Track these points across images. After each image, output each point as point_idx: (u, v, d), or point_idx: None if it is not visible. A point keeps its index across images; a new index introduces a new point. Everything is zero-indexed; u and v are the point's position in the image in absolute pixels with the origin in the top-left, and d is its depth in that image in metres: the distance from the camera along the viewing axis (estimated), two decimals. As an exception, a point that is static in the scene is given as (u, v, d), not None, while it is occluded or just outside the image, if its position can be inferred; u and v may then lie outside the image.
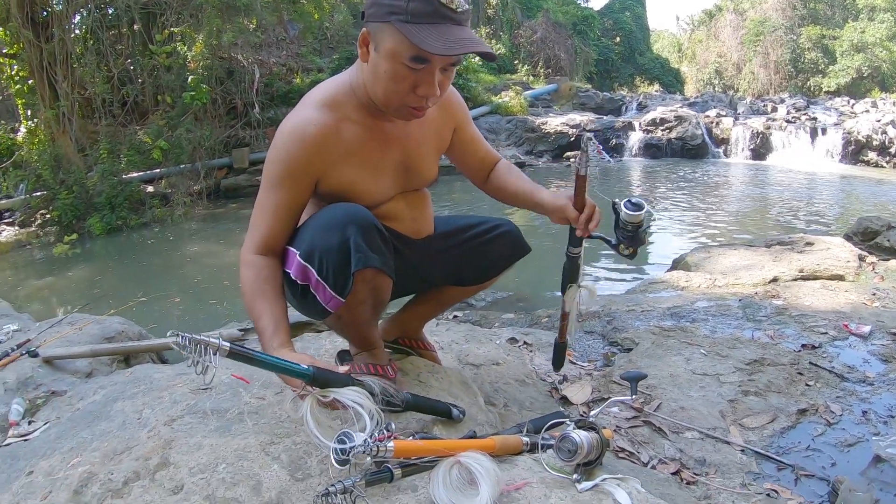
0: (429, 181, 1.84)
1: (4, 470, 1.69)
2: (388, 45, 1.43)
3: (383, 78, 1.48)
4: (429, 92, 1.48)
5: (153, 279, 6.99)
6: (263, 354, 1.32)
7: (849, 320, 2.98)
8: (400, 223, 1.76)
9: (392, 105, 1.53)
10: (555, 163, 15.22)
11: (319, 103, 1.59)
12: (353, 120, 1.61)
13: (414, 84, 1.47)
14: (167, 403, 1.73)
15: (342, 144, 1.58)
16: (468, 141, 1.91)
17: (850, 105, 19.10)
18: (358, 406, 1.28)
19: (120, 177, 10.08)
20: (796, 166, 14.47)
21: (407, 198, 1.78)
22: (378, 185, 1.67)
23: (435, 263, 1.88)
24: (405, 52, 1.41)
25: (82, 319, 3.25)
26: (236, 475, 1.29)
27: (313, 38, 14.38)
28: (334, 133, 1.57)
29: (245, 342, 3.04)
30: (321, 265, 1.48)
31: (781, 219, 8.83)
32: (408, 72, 1.45)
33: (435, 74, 1.46)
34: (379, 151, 1.65)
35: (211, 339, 1.20)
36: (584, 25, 25.36)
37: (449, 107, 1.81)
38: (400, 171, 1.72)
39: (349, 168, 1.61)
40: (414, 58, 1.42)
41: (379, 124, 1.64)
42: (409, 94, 1.49)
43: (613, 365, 2.63)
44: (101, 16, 11.32)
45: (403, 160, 1.71)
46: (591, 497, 1.22)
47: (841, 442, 2.04)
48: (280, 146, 1.56)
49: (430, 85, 1.47)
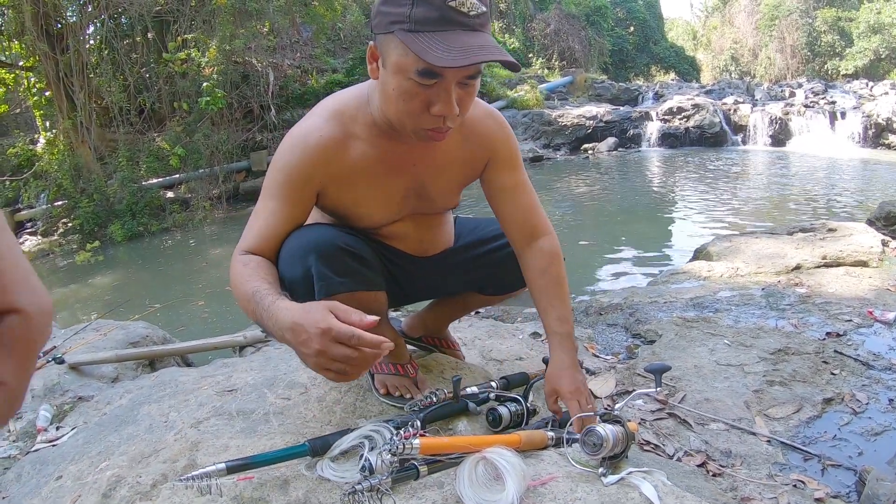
0: (445, 209, 1.71)
1: (34, 475, 1.73)
2: (393, 59, 1.27)
3: (393, 97, 1.31)
4: (445, 111, 1.29)
5: (176, 284, 7.06)
6: (258, 456, 1.29)
7: (873, 307, 2.94)
8: (404, 242, 1.68)
9: (406, 127, 1.36)
10: (572, 155, 15.20)
11: (330, 114, 1.47)
12: (362, 138, 1.47)
13: (427, 102, 1.30)
14: (193, 406, 1.75)
15: (347, 161, 1.46)
16: (505, 190, 1.64)
17: (868, 87, 18.81)
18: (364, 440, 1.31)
19: (139, 183, 10.21)
20: (816, 151, 14.30)
21: (416, 220, 1.66)
22: (383, 209, 1.57)
23: (452, 276, 1.80)
24: (411, 65, 1.25)
25: (107, 325, 3.29)
26: (263, 475, 1.30)
27: (326, 39, 14.42)
28: (341, 148, 1.45)
29: (269, 343, 3.06)
30: (294, 295, 1.39)
31: (803, 205, 8.74)
32: (418, 88, 1.28)
33: (451, 91, 1.28)
34: (386, 175, 1.51)
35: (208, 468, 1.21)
36: (598, 16, 25.20)
37: (487, 136, 1.60)
38: (410, 198, 1.58)
39: (351, 187, 1.49)
40: (421, 72, 1.25)
41: (391, 146, 1.49)
42: (422, 115, 1.31)
43: (637, 357, 2.62)
44: (114, 25, 11.44)
45: (415, 187, 1.57)
46: (617, 490, 1.22)
47: (867, 431, 2.02)
48: (283, 152, 1.45)
49: (447, 103, 1.29)
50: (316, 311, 1.15)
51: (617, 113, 16.50)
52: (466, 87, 1.32)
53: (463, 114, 1.35)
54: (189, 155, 10.80)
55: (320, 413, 1.61)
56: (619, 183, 11.84)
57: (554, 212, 8.95)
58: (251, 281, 1.34)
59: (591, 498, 1.20)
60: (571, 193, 10.70)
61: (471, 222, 1.87)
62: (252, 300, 1.30)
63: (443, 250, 1.76)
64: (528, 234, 1.66)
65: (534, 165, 13.84)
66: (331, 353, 1.12)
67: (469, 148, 1.58)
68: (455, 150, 1.57)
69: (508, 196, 1.64)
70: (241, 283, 1.36)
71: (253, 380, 1.88)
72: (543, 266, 1.64)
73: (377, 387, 1.71)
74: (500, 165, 1.63)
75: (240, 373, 2.01)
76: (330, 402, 1.66)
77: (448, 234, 1.78)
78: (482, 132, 1.58)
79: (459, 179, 1.64)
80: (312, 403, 1.65)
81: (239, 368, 2.10)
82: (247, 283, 1.34)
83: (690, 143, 15.79)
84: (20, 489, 1.68)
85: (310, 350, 1.14)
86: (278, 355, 2.24)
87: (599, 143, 15.60)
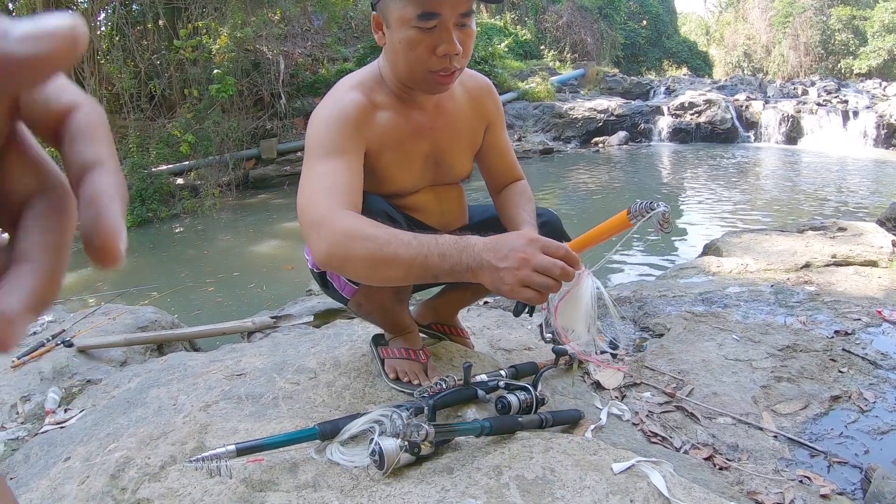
0: (460, 177, 1.81)
1: (42, 456, 1.74)
2: (395, 16, 1.42)
3: (401, 49, 1.45)
4: (449, 49, 1.42)
5: (185, 269, 7.08)
6: (268, 438, 1.31)
7: (882, 306, 2.93)
8: (428, 215, 1.75)
9: (417, 76, 1.48)
10: (583, 148, 15.12)
11: (351, 87, 1.57)
12: (384, 106, 1.57)
13: (432, 46, 1.43)
14: (202, 390, 1.76)
15: (377, 126, 1.55)
16: (496, 146, 1.84)
17: (881, 87, 18.63)
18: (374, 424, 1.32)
19: (149, 170, 10.20)
20: (828, 150, 14.21)
21: (437, 191, 1.76)
22: (408, 172, 1.65)
23: None
24: (411, 12, 1.39)
25: (116, 310, 3.31)
26: (273, 458, 1.31)
27: (338, 27, 14.38)
28: (371, 112, 1.54)
29: (278, 329, 3.07)
30: None
31: (814, 204, 8.70)
32: (422, 34, 1.41)
33: (451, 30, 1.41)
34: (409, 140, 1.62)
35: (217, 449, 1.24)
36: (611, 9, 25.03)
37: (484, 103, 1.77)
38: (429, 164, 1.69)
39: (382, 149, 1.57)
40: (421, 15, 1.38)
41: (409, 112, 1.61)
42: (430, 59, 1.44)
43: (645, 350, 2.62)
44: (126, 12, 11.42)
45: (433, 152, 1.68)
46: (626, 479, 1.22)
47: (874, 429, 2.01)
48: (326, 118, 1.49)
49: (449, 42, 1.42)
50: (519, 231, 1.30)
51: (628, 107, 16.40)
52: (464, 27, 1.45)
53: (466, 55, 1.48)
54: (199, 142, 10.80)
55: (329, 398, 1.62)
56: (629, 177, 11.79)
57: (563, 205, 8.93)
58: (394, 229, 1.30)
59: (600, 487, 1.20)
60: (581, 186, 10.66)
61: (480, 206, 1.97)
62: (414, 241, 1.25)
63: (460, 227, 1.84)
64: (506, 181, 1.87)
65: (544, 158, 13.79)
66: (535, 261, 1.18)
67: (473, 116, 1.75)
68: (463, 119, 1.72)
69: (499, 153, 1.85)
70: (381, 230, 1.28)
71: (262, 364, 1.89)
72: (520, 190, 1.83)
73: (387, 371, 1.72)
74: (495, 128, 1.82)
75: (248, 357, 2.02)
76: (339, 388, 1.67)
77: (464, 210, 1.88)
78: (481, 99, 1.76)
79: (469, 145, 1.78)
80: (321, 388, 1.66)
81: (248, 353, 2.11)
82: (391, 230, 1.29)
83: (701, 139, 15.71)
84: (28, 470, 1.70)
85: (513, 262, 1.19)
86: (287, 341, 2.25)
87: (610, 136, 15.52)
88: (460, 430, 1.34)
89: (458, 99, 1.71)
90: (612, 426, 1.84)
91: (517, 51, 20.15)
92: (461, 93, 1.73)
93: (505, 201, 1.82)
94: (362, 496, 1.20)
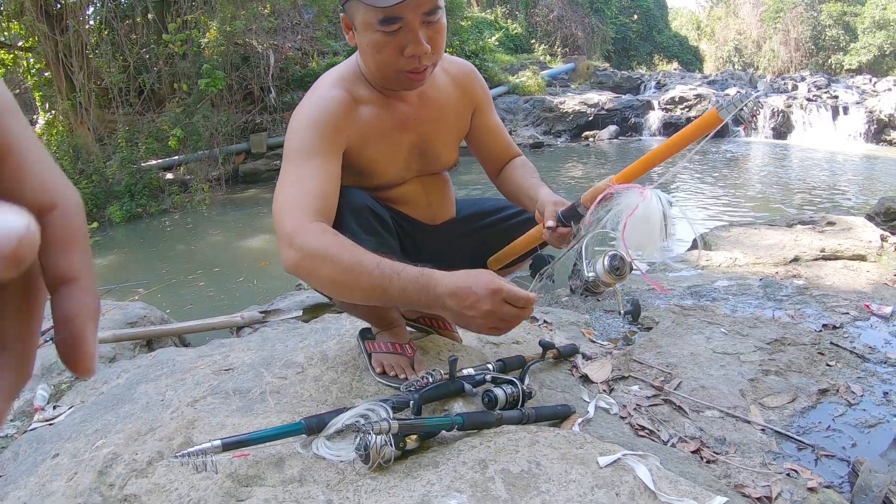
0: (447, 166, 1.81)
1: (30, 454, 1.73)
2: (359, 20, 1.43)
3: (369, 52, 1.46)
4: (416, 50, 1.42)
5: (174, 264, 7.05)
6: (254, 433, 1.31)
7: (870, 301, 2.94)
8: (414, 208, 1.75)
9: (388, 76, 1.50)
10: (573, 142, 15.13)
11: (333, 83, 1.58)
12: (366, 100, 1.58)
13: (399, 48, 1.43)
14: (190, 385, 1.76)
15: (360, 119, 1.56)
16: (488, 128, 1.84)
17: (871, 83, 18.69)
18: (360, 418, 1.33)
19: (139, 165, 10.16)
20: (818, 145, 14.25)
21: (423, 182, 1.76)
22: (394, 164, 1.65)
23: (457, 248, 1.84)
24: (372, 18, 1.39)
25: (105, 305, 3.29)
26: (259, 453, 1.31)
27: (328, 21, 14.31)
28: (353, 107, 1.55)
29: (267, 324, 3.07)
30: None
31: (803, 198, 8.73)
32: (386, 37, 1.42)
33: (416, 30, 1.41)
34: (393, 132, 1.62)
35: (203, 445, 1.24)
36: (602, 3, 25.03)
37: (469, 88, 1.77)
38: (415, 154, 1.69)
39: (367, 143, 1.58)
40: (382, 20, 1.39)
41: (393, 104, 1.61)
42: (398, 60, 1.45)
43: (634, 344, 2.62)
44: (114, 6, 11.35)
45: (419, 143, 1.68)
46: (612, 473, 1.23)
47: (861, 423, 2.03)
48: (305, 116, 1.51)
49: (416, 43, 1.42)
50: (483, 275, 1.27)
51: (619, 101, 16.43)
52: (431, 24, 1.44)
53: (437, 51, 1.48)
54: (188, 136, 10.75)
55: (316, 392, 1.61)
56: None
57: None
58: (360, 253, 1.30)
59: (586, 480, 1.20)
60: (571, 180, 10.67)
61: (469, 200, 1.97)
62: (377, 270, 1.27)
63: (448, 220, 1.84)
64: (504, 159, 1.89)
65: (534, 152, 13.78)
66: (501, 314, 1.23)
67: (459, 101, 1.75)
68: (448, 106, 1.72)
69: (492, 134, 1.85)
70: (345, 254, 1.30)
71: (250, 359, 1.88)
72: (521, 165, 1.84)
73: (374, 366, 1.72)
74: (484, 111, 1.82)
75: (237, 352, 2.01)
76: (326, 382, 1.67)
77: (451, 202, 1.88)
78: (465, 84, 1.76)
79: (456, 132, 1.78)
80: (309, 383, 1.66)
81: (236, 348, 2.10)
82: (357, 253, 1.30)
83: (692, 133, 15.70)
84: (17, 468, 1.69)
85: (478, 312, 1.23)
86: (275, 335, 2.24)
87: (600, 130, 15.55)
88: (429, 425, 1.34)
89: (442, 87, 1.71)
90: (599, 419, 1.84)
91: (508, 45, 20.13)
92: (445, 80, 1.73)
93: (509, 176, 1.84)
94: (348, 490, 1.20)
